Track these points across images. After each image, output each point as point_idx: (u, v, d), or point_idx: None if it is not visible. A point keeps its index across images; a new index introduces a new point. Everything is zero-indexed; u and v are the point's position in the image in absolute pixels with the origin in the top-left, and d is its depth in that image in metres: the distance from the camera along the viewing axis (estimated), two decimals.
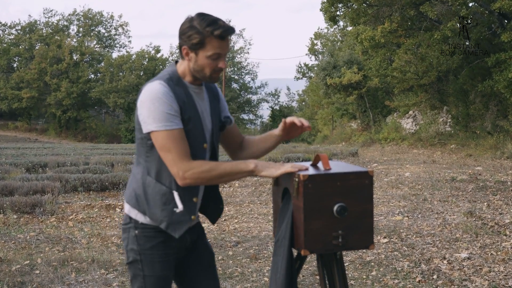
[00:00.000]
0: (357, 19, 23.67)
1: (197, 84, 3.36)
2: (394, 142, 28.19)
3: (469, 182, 13.71)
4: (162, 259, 3.38)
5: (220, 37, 3.17)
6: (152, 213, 3.34)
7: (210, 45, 3.18)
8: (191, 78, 3.32)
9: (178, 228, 3.34)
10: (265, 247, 8.33)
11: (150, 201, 3.35)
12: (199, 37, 3.16)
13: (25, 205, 10.45)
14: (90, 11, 58.94)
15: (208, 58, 3.20)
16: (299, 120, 3.43)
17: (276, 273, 3.28)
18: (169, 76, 3.29)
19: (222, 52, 3.22)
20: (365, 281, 6.70)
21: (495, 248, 7.87)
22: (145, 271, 3.38)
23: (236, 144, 3.67)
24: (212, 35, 3.15)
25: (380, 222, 9.69)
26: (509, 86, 20.57)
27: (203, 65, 3.23)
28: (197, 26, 3.17)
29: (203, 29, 3.15)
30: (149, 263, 3.37)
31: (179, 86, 3.29)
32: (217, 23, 3.17)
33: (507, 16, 21.61)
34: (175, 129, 3.19)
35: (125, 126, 50.84)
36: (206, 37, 3.16)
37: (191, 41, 3.19)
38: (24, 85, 52.35)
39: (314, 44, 48.02)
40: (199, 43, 3.18)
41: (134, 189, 3.42)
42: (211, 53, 3.19)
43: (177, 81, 3.30)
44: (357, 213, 3.19)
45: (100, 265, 7.27)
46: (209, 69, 3.24)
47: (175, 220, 3.33)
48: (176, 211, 3.32)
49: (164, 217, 3.33)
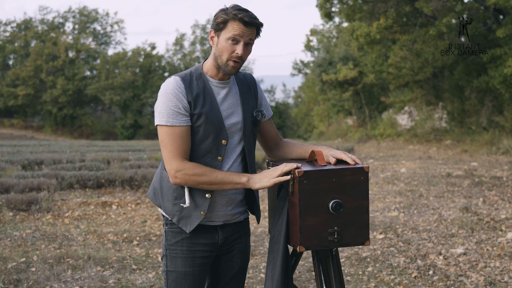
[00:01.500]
0: (353, 15, 23.65)
1: (221, 78, 3.37)
2: (390, 138, 28.21)
3: (465, 177, 13.73)
4: (185, 255, 3.39)
5: (243, 21, 3.21)
6: (165, 206, 3.39)
7: (231, 26, 3.22)
8: (216, 71, 3.35)
9: (188, 223, 3.35)
10: (261, 243, 8.34)
11: (164, 194, 3.40)
12: (223, 17, 3.22)
13: (21, 203, 10.43)
14: (85, 8, 58.71)
15: (227, 40, 3.22)
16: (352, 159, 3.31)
17: (272, 269, 3.28)
18: (190, 71, 3.35)
19: (242, 37, 3.24)
20: (361, 277, 6.72)
21: (490, 243, 7.89)
22: (168, 266, 3.43)
23: (272, 143, 3.67)
24: (236, 17, 3.20)
25: (376, 218, 9.70)
26: (505, 81, 20.59)
27: (222, 49, 3.25)
28: (227, 9, 3.24)
29: (230, 12, 3.22)
30: (172, 258, 3.41)
31: (199, 80, 3.33)
32: (246, 11, 3.23)
33: (502, 11, 21.61)
34: (176, 126, 3.21)
35: (121, 123, 50.73)
36: (230, 18, 3.21)
37: (216, 20, 3.25)
38: (20, 82, 52.16)
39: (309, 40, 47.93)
40: (222, 22, 3.23)
41: (154, 182, 3.51)
42: (231, 34, 3.22)
43: (198, 76, 3.34)
44: (353, 209, 3.19)
45: (96, 262, 7.27)
46: (227, 54, 3.25)
47: (185, 215, 3.35)
48: (183, 207, 3.34)
49: (176, 211, 3.36)
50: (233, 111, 3.39)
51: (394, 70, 24.77)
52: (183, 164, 3.21)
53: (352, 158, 3.28)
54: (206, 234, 3.39)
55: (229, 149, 3.39)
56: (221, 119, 3.32)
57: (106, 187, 13.13)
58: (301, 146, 3.56)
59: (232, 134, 3.38)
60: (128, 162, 15.74)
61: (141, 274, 6.87)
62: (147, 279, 6.64)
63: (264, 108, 3.57)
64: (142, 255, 7.72)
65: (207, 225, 3.39)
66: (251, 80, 3.53)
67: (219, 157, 3.33)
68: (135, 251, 7.96)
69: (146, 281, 6.60)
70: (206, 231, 3.39)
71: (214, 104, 3.31)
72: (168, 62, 55.86)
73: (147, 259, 7.56)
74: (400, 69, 24.42)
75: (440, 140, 24.82)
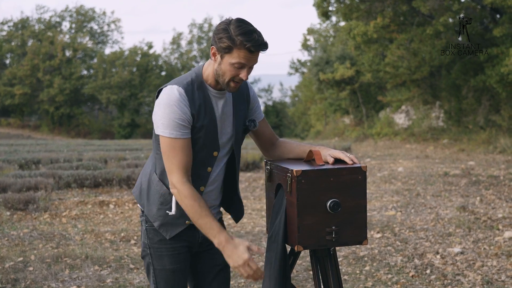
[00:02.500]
0: (350, 14, 23.66)
1: (219, 88, 3.32)
2: (387, 137, 28.22)
3: (462, 176, 13.75)
4: (170, 252, 3.41)
5: (249, 50, 3.10)
6: (150, 209, 3.40)
7: (237, 53, 3.11)
8: (214, 81, 3.29)
9: (170, 230, 3.37)
10: (258, 242, 8.35)
11: (150, 197, 3.40)
12: (228, 43, 3.10)
13: (18, 202, 10.42)
14: (82, 7, 58.68)
15: (232, 65, 3.14)
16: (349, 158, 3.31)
17: (270, 268, 3.29)
18: (191, 79, 3.27)
19: (247, 64, 3.16)
20: (359, 276, 6.72)
21: (488, 242, 7.90)
22: (154, 264, 3.43)
23: (268, 144, 3.66)
24: (242, 45, 3.08)
25: (374, 217, 9.71)
26: (501, 80, 20.60)
27: (225, 70, 3.17)
28: (231, 31, 3.10)
29: (236, 36, 3.09)
30: (158, 257, 3.41)
31: (200, 90, 3.27)
32: (251, 35, 3.10)
33: (499, 11, 21.63)
34: (179, 139, 3.19)
35: (118, 122, 50.72)
36: (236, 45, 3.09)
37: (220, 43, 3.12)
38: (17, 81, 52.10)
39: (307, 39, 47.92)
40: (227, 48, 3.11)
41: (141, 181, 3.51)
42: (236, 61, 3.13)
43: (199, 84, 3.28)
44: (351, 209, 3.20)
45: (94, 261, 7.27)
46: (229, 76, 3.18)
47: (168, 222, 3.37)
48: (169, 214, 3.35)
49: (158, 216, 3.37)
50: (226, 122, 3.39)
51: (391, 69, 24.77)
52: (182, 184, 3.19)
53: (350, 157, 3.29)
54: (187, 232, 3.42)
55: (218, 159, 3.41)
56: (217, 132, 3.32)
57: (103, 186, 13.13)
58: (298, 146, 3.56)
59: (223, 144, 3.39)
60: (126, 161, 15.74)
61: (139, 274, 6.88)
62: (145, 278, 6.65)
63: (256, 112, 3.56)
64: (140, 254, 7.71)
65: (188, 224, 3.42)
66: (244, 86, 3.50)
67: (209, 167, 3.36)
68: (132, 250, 7.96)
69: (143, 280, 6.60)
70: (187, 229, 3.41)
71: (213, 117, 3.30)
72: (165, 61, 55.89)
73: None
74: (397, 68, 24.42)
75: (437, 139, 24.84)
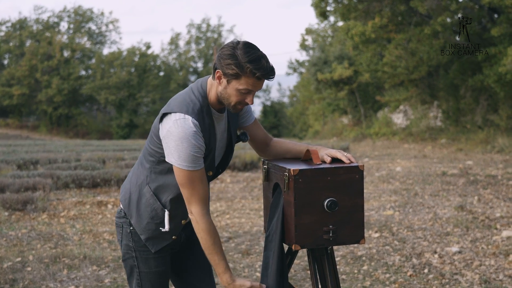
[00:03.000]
0: (348, 14, 23.65)
1: (219, 108, 3.30)
2: (385, 137, 28.22)
3: (460, 176, 13.76)
4: (156, 255, 3.41)
5: (258, 78, 3.09)
6: (139, 221, 3.37)
7: (245, 80, 3.08)
8: (217, 103, 3.25)
9: (156, 244, 3.37)
10: (256, 242, 8.35)
11: (141, 209, 3.37)
12: (237, 70, 3.06)
13: (16, 202, 10.42)
14: (80, 7, 58.58)
15: (239, 91, 3.12)
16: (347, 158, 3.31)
17: (267, 267, 3.29)
18: (200, 106, 3.20)
19: (254, 90, 3.15)
20: (357, 275, 6.73)
21: (485, 242, 7.91)
22: (140, 267, 3.41)
23: (262, 145, 3.64)
24: (251, 73, 3.06)
25: (372, 217, 9.71)
26: (499, 80, 20.61)
27: (231, 95, 3.14)
28: (239, 57, 3.05)
29: (244, 63, 3.05)
30: (144, 260, 3.40)
31: (208, 116, 3.22)
32: (260, 61, 3.07)
33: (497, 10, 21.64)
34: (197, 171, 3.16)
35: (116, 122, 50.66)
36: (245, 73, 3.06)
37: (227, 69, 3.08)
38: (15, 82, 52.03)
39: (305, 39, 47.92)
40: (234, 75, 3.07)
41: (130, 191, 3.44)
42: (243, 87, 3.10)
43: (207, 110, 3.23)
44: (348, 208, 3.20)
45: (92, 261, 7.27)
46: (235, 100, 3.15)
47: (156, 236, 3.36)
48: (162, 230, 3.34)
49: (148, 230, 3.36)
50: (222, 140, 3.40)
51: (389, 69, 24.77)
52: (202, 217, 3.19)
53: (347, 156, 3.29)
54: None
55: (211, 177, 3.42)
56: (215, 153, 3.33)
57: (101, 187, 13.13)
58: (295, 146, 3.56)
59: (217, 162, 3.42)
60: (124, 162, 15.73)
61: None
62: None
63: (246, 115, 3.55)
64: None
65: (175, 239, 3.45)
66: None
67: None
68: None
69: None
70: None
71: (214, 140, 3.29)
72: (163, 62, 55.85)
73: None
74: (395, 68, 24.42)
75: (435, 139, 24.84)
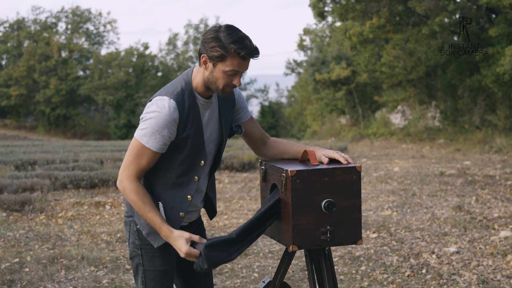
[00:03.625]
0: (345, 14, 23.66)
1: (207, 95, 3.34)
2: (383, 137, 28.23)
3: (458, 176, 13.77)
4: (161, 253, 3.42)
5: (242, 57, 3.13)
6: (138, 217, 3.39)
7: (230, 61, 3.13)
8: (203, 89, 3.30)
9: (157, 239, 3.37)
10: (254, 243, 8.35)
11: None
12: (221, 51, 3.11)
13: (14, 203, 10.42)
14: (78, 8, 58.53)
15: (225, 73, 3.16)
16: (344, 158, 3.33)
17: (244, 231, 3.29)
18: (181, 89, 3.26)
19: (240, 70, 3.18)
20: (355, 276, 6.73)
21: (483, 242, 7.92)
22: (145, 265, 3.44)
23: (259, 143, 3.65)
24: (235, 53, 3.11)
25: (369, 217, 9.72)
26: (497, 80, 20.62)
27: (218, 78, 3.19)
28: (222, 40, 3.11)
29: (228, 44, 3.10)
30: (149, 258, 3.43)
31: (190, 99, 3.27)
32: (243, 41, 3.12)
33: (494, 10, 21.66)
34: (148, 149, 3.21)
35: (114, 123, 50.62)
36: (230, 53, 3.11)
37: (212, 52, 3.14)
38: (13, 82, 51.98)
39: (303, 40, 47.91)
40: (220, 56, 3.13)
41: None
42: (229, 69, 3.15)
43: (189, 94, 3.28)
44: (345, 209, 3.21)
45: (90, 262, 7.27)
46: (223, 83, 3.20)
47: (154, 231, 3.36)
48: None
49: (147, 225, 3.37)
50: (212, 128, 3.42)
51: (387, 69, 24.78)
52: (129, 180, 3.26)
53: (344, 157, 3.30)
54: None
55: (205, 168, 3.44)
56: (203, 141, 3.35)
57: (99, 187, 13.12)
58: (292, 146, 3.57)
59: (209, 152, 3.43)
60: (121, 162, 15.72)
61: None
62: None
63: (242, 112, 3.58)
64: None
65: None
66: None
67: (196, 176, 3.38)
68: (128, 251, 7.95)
69: None
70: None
71: (199, 126, 3.31)
72: (161, 62, 55.82)
73: None
74: (393, 68, 24.43)
75: (433, 139, 24.86)
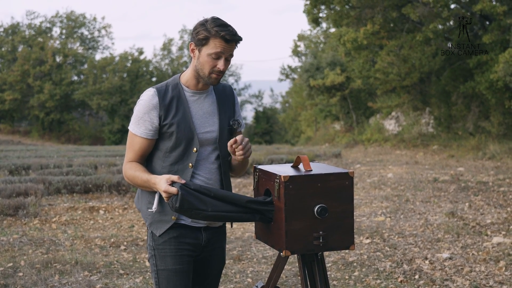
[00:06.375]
0: (340, 21, 23.72)
1: (201, 88, 3.53)
2: (377, 143, 28.27)
3: (451, 182, 13.80)
4: (173, 253, 3.50)
5: (224, 39, 3.34)
6: (142, 210, 3.54)
7: (213, 43, 3.35)
8: (194, 81, 3.51)
9: (159, 227, 3.49)
10: (248, 248, 8.37)
11: (142, 198, 3.56)
12: (205, 33, 3.34)
13: (8, 208, 10.41)
14: (72, 13, 58.41)
15: (209, 56, 3.36)
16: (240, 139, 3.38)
17: None
18: (167, 82, 3.53)
19: (224, 53, 3.37)
20: (348, 281, 6.75)
21: (476, 248, 7.94)
22: (158, 265, 3.52)
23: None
24: (217, 34, 3.33)
25: (363, 223, 9.74)
26: (491, 87, 20.69)
27: (203, 63, 3.39)
28: (208, 25, 3.36)
29: (211, 28, 3.34)
30: (161, 258, 3.51)
31: (174, 91, 3.49)
32: (226, 26, 3.36)
33: (488, 17, 21.75)
34: (137, 135, 3.44)
35: (108, 128, 50.52)
36: (212, 35, 3.34)
37: (197, 36, 3.37)
38: (7, 87, 51.86)
39: (297, 46, 47.97)
40: (204, 39, 3.35)
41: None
42: (213, 51, 3.35)
43: (174, 86, 3.50)
44: (338, 214, 3.23)
45: (84, 267, 7.27)
46: (208, 68, 3.39)
47: (155, 219, 3.49)
48: (148, 211, 3.48)
49: (148, 215, 3.51)
50: (208, 120, 3.53)
51: (381, 76, 24.84)
52: (126, 165, 3.48)
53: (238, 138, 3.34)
54: (191, 234, 3.51)
55: (202, 157, 3.51)
56: (193, 128, 3.46)
57: (93, 192, 13.11)
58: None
59: (205, 142, 3.51)
60: (116, 167, 15.70)
61: (129, 279, 6.88)
62: (135, 284, 6.66)
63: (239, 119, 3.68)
64: (130, 260, 7.72)
65: (192, 226, 3.51)
66: (229, 92, 3.68)
67: (190, 164, 3.46)
68: (122, 256, 7.96)
69: (133, 285, 6.61)
70: (191, 231, 3.51)
71: (187, 113, 3.46)
72: (156, 67, 55.76)
73: (135, 263, 7.57)
74: (387, 75, 24.49)
75: (427, 145, 24.91)
